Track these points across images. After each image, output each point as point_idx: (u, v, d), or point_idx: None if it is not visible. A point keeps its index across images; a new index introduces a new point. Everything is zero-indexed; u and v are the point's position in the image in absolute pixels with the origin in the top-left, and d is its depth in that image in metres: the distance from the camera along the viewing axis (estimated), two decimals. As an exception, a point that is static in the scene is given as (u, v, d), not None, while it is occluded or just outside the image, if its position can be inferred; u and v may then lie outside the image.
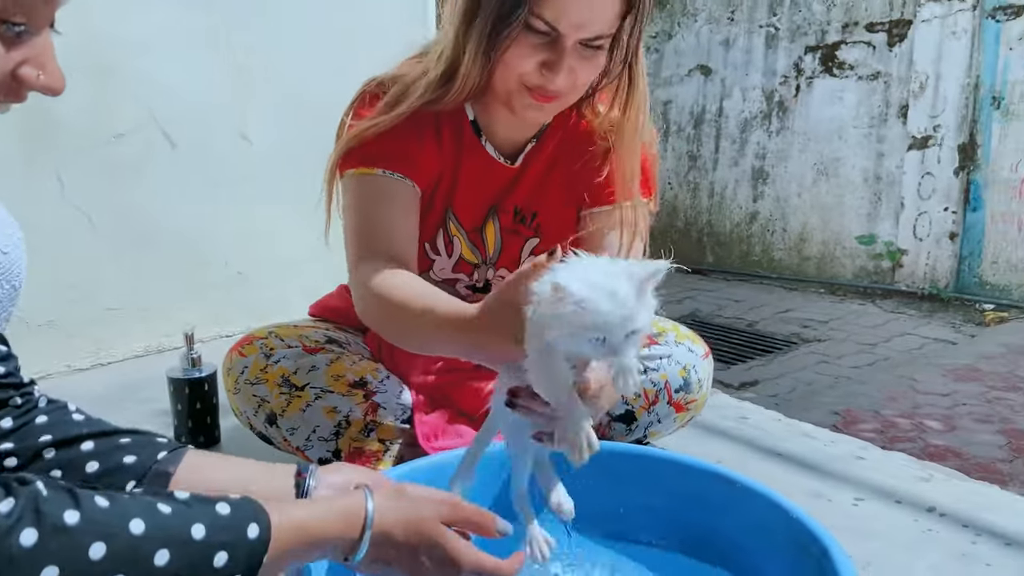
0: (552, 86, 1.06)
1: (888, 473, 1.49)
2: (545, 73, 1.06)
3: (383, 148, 1.16)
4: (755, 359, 3.61)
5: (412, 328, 1.00)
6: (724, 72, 5.24)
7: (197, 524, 0.59)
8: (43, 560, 0.52)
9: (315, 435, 1.23)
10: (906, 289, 4.48)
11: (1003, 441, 2.60)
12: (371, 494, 0.72)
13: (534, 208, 1.28)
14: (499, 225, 1.29)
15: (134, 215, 2.17)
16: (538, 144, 1.25)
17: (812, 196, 4.86)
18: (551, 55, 1.04)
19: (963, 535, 1.27)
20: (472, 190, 1.26)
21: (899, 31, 4.42)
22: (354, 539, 0.70)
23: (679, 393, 1.30)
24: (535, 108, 1.11)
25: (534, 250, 1.30)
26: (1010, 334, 3.81)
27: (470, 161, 1.24)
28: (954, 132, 4.22)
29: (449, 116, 1.20)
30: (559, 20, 1.01)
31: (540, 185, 1.27)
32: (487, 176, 1.25)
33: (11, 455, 0.77)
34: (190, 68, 2.19)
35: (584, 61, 1.07)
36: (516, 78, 1.08)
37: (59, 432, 0.79)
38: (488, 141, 1.24)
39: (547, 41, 1.04)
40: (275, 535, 0.63)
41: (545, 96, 1.09)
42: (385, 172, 1.15)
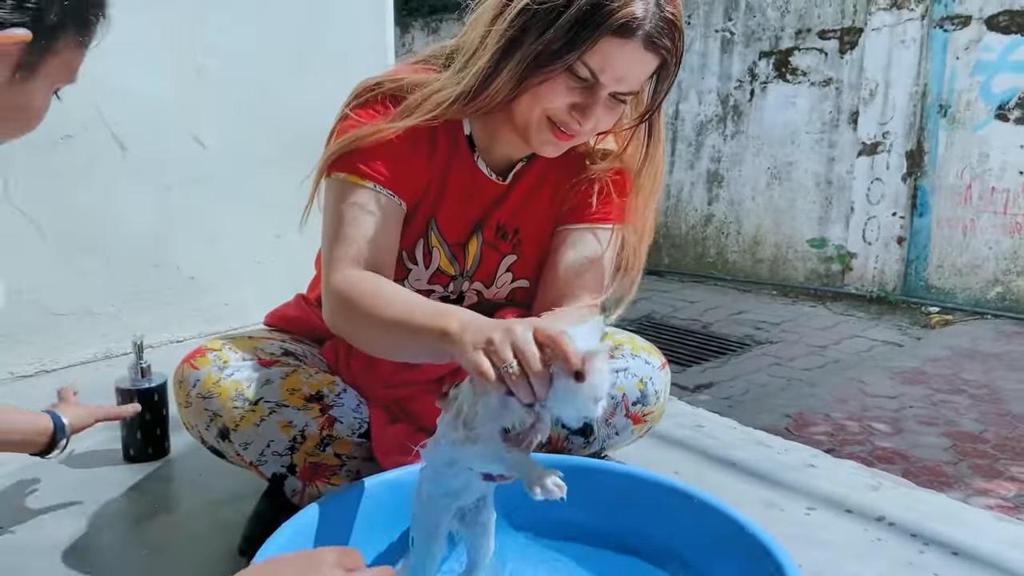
0: (580, 128, 1.08)
1: (838, 481, 1.52)
2: (575, 115, 1.07)
3: (380, 161, 1.14)
4: (709, 361, 3.67)
5: (383, 333, 1.02)
6: (681, 75, 5.28)
7: None
8: None
9: (269, 450, 1.20)
10: (855, 292, 4.59)
11: (948, 444, 2.68)
12: None
13: (516, 224, 1.28)
14: (482, 239, 1.28)
15: (82, 218, 2.11)
16: (527, 165, 1.25)
17: (765, 199, 4.94)
18: (585, 100, 1.06)
19: (911, 544, 1.30)
20: (458, 204, 1.24)
21: (850, 39, 4.51)
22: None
23: (636, 406, 1.31)
24: (552, 144, 1.12)
25: (511, 267, 1.29)
26: (954, 337, 3.92)
27: (459, 175, 1.22)
28: (902, 139, 4.33)
29: (446, 126, 1.19)
30: (603, 71, 1.03)
31: (526, 202, 1.27)
32: (475, 191, 1.24)
33: None
34: (145, 68, 2.14)
35: (609, 110, 1.09)
36: (541, 112, 1.08)
37: None
38: (481, 157, 1.23)
39: (584, 87, 1.06)
40: None
41: (566, 135, 1.10)
42: (377, 187, 1.14)
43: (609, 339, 1.34)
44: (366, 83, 1.20)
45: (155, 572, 1.25)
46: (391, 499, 1.11)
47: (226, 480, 1.48)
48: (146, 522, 1.38)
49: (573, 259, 1.23)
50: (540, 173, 1.26)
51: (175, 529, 1.37)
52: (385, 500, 1.12)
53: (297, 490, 1.23)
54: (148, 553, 1.29)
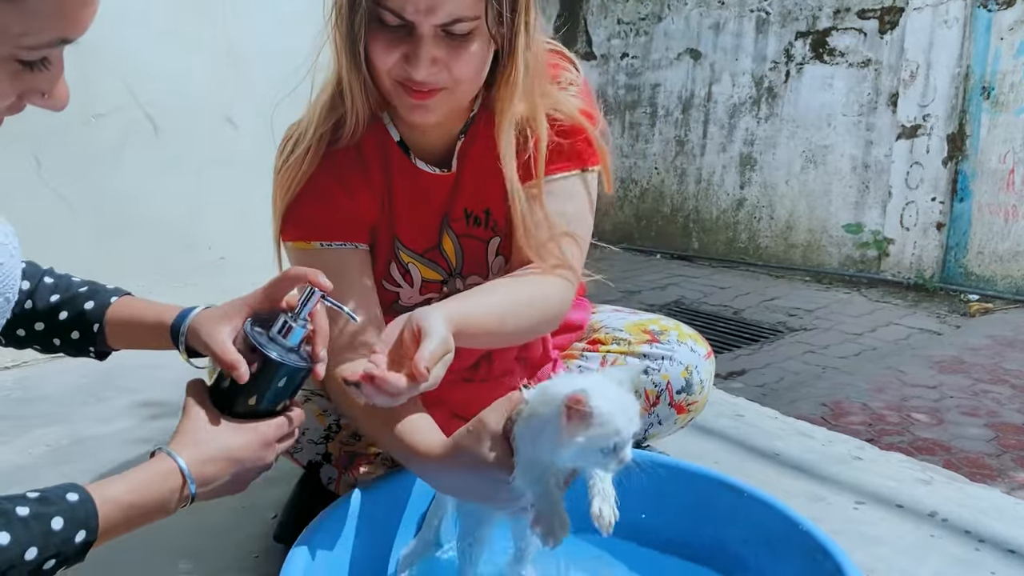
0: (417, 76, 0.99)
1: (887, 475, 1.48)
2: (407, 66, 0.99)
3: (314, 216, 1.11)
4: (741, 348, 3.60)
5: (385, 446, 1.04)
6: (713, 56, 5.19)
7: (31, 548, 0.69)
8: None
9: (305, 438, 1.19)
10: (892, 279, 4.49)
11: (990, 435, 2.61)
12: (176, 454, 0.82)
13: (484, 205, 1.20)
14: (455, 235, 1.22)
15: (114, 198, 2.10)
16: (468, 141, 1.17)
17: (800, 184, 4.84)
18: (409, 46, 0.98)
19: (966, 541, 1.26)
20: (413, 212, 1.18)
21: (891, 18, 4.39)
22: (179, 494, 0.81)
23: (680, 395, 1.27)
24: (418, 108, 1.04)
25: (499, 248, 1.23)
26: (994, 325, 3.83)
27: (403, 184, 1.16)
28: (943, 122, 4.21)
29: (372, 144, 1.14)
30: (404, 8, 0.95)
31: (482, 180, 1.18)
32: (425, 192, 1.18)
33: None
34: (177, 46, 2.12)
35: (454, 50, 0.99)
36: (386, 76, 1.02)
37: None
38: (417, 157, 1.17)
39: (403, 32, 0.98)
40: (102, 527, 0.75)
41: (420, 93, 1.01)
42: (323, 244, 1.11)
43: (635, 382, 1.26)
44: (282, 140, 1.17)
45: (187, 555, 1.24)
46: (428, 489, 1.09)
47: (260, 465, 1.46)
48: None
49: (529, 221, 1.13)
50: (483, 145, 1.16)
51: (207, 513, 1.36)
52: (420, 489, 1.09)
53: (333, 478, 1.21)
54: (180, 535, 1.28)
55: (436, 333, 0.90)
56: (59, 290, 1.00)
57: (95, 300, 0.99)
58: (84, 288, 1.01)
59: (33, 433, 1.69)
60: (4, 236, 0.77)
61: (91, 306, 0.98)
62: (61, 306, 0.98)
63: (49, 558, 0.71)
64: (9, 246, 0.78)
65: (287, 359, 0.89)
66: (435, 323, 0.91)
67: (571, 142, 1.14)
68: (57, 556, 0.71)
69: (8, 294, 0.78)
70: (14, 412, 1.83)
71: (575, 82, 1.16)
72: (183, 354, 0.96)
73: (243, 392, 0.88)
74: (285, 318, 0.91)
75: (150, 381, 1.98)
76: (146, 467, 0.81)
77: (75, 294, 0.99)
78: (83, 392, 1.94)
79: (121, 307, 0.99)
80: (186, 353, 0.96)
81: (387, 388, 0.86)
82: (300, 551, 0.91)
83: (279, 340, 0.90)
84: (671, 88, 5.43)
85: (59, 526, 0.71)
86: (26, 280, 0.99)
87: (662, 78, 5.48)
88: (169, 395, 1.87)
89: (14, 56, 0.62)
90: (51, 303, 0.98)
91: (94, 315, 0.98)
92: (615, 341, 1.31)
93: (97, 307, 0.98)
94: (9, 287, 0.78)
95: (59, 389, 1.96)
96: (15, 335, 0.99)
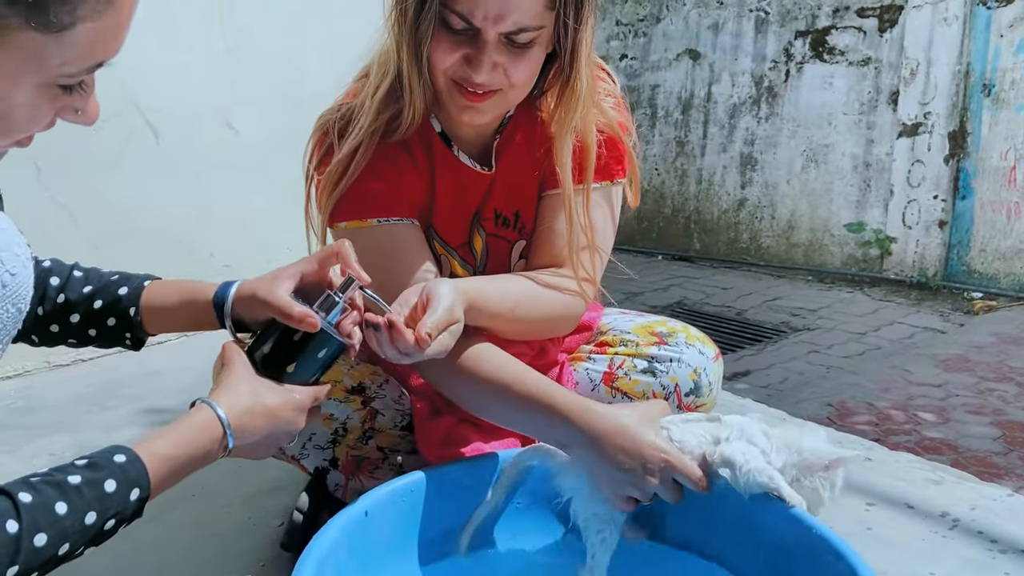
0: (476, 79, 1.01)
1: (897, 475, 1.47)
2: (468, 68, 1.01)
3: (368, 193, 1.11)
4: (745, 348, 3.59)
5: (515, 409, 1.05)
6: (713, 57, 5.19)
7: (90, 513, 0.72)
8: None
9: (311, 443, 1.17)
10: (895, 277, 4.48)
11: (997, 433, 2.60)
12: (215, 404, 0.83)
13: (514, 208, 1.22)
14: (484, 233, 1.23)
15: (115, 205, 2.09)
16: (504, 141, 1.19)
17: (801, 183, 4.84)
18: (472, 50, 1.00)
19: (979, 543, 1.25)
20: (451, 204, 1.20)
21: (890, 16, 4.39)
22: (219, 444, 0.82)
23: (689, 397, 1.26)
24: (469, 109, 1.05)
25: (524, 251, 1.24)
26: (998, 323, 3.81)
27: (445, 175, 1.18)
28: (944, 119, 4.21)
29: (417, 134, 1.15)
30: (473, 14, 0.97)
31: (515, 183, 1.21)
32: (465, 186, 1.19)
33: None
34: (177, 51, 2.10)
35: (514, 57, 1.01)
36: (443, 76, 1.04)
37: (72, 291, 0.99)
38: (460, 150, 1.18)
39: (467, 36, 1.00)
40: (154, 483, 0.77)
41: (474, 95, 1.03)
42: (380, 221, 1.11)
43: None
44: (316, 128, 1.16)
45: (194, 564, 1.23)
46: (436, 494, 1.08)
47: (267, 472, 1.45)
48: (184, 514, 1.36)
49: (550, 224, 1.18)
50: (520, 150, 1.19)
51: (214, 521, 1.35)
52: (430, 494, 1.08)
53: (340, 484, 1.20)
54: (187, 545, 1.27)
55: (442, 303, 0.95)
56: (91, 281, 1.00)
57: (128, 286, 0.99)
58: (116, 276, 1.02)
59: (36, 443, 1.67)
60: (19, 248, 0.77)
61: (125, 291, 0.99)
62: (95, 295, 0.98)
63: (109, 519, 0.74)
64: (23, 257, 0.78)
65: (331, 331, 0.90)
66: (444, 293, 0.96)
67: (606, 153, 1.17)
68: (116, 516, 0.74)
69: (21, 304, 0.78)
70: (17, 422, 1.82)
71: (613, 93, 1.19)
72: (230, 327, 0.96)
73: (285, 357, 0.90)
74: (330, 293, 0.92)
75: (153, 389, 1.97)
76: (187, 419, 0.82)
77: (108, 282, 1.00)
78: (86, 401, 1.93)
79: (156, 289, 1.00)
80: (232, 327, 0.96)
81: (398, 342, 0.91)
82: (308, 560, 0.90)
83: (320, 314, 0.90)
84: (671, 89, 5.43)
85: (112, 488, 0.74)
86: (55, 276, 1.00)
87: (661, 79, 5.47)
88: (172, 402, 1.86)
89: (54, 82, 0.66)
90: (84, 293, 0.99)
91: (129, 300, 0.98)
92: (623, 343, 1.30)
93: (132, 292, 0.99)
94: (22, 297, 0.78)
95: (61, 398, 1.95)
96: (49, 332, 1.00)
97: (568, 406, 1.00)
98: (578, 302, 1.16)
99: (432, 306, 0.94)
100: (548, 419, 1.01)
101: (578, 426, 0.98)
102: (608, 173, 1.19)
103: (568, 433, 0.99)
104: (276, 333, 0.91)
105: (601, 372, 1.28)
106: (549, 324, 1.17)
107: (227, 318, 0.95)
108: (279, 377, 0.90)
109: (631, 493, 0.97)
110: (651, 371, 1.25)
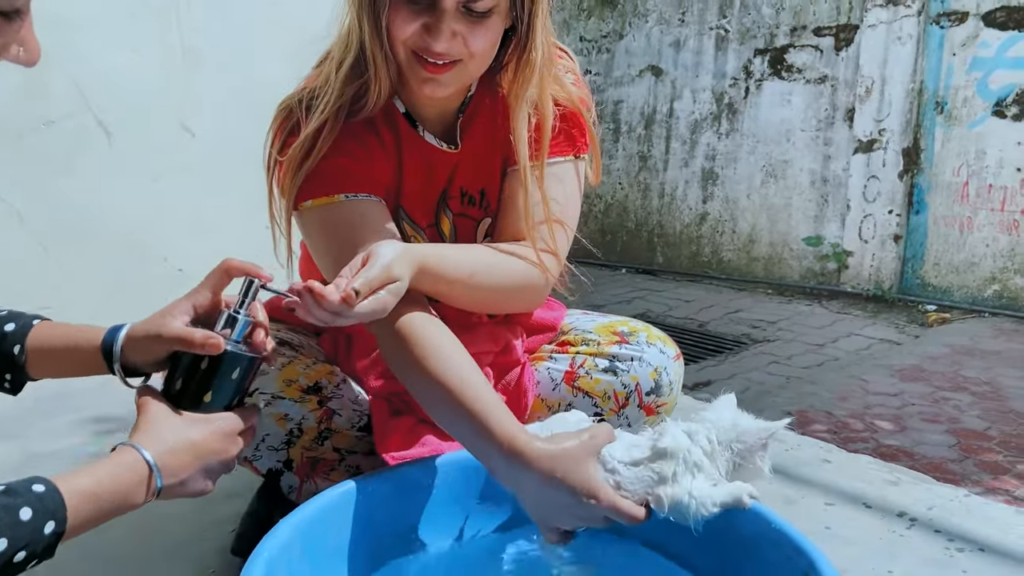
0: (436, 48, 1.01)
1: (855, 476, 1.47)
2: (427, 37, 1.01)
3: (336, 170, 1.09)
4: (707, 359, 3.61)
5: (450, 418, 0.99)
6: (675, 73, 5.25)
7: (1, 539, 0.67)
8: None
9: (264, 444, 1.14)
10: (851, 290, 4.55)
11: (952, 441, 2.63)
12: (138, 445, 0.79)
13: (480, 186, 1.22)
14: (451, 213, 1.22)
15: (65, 207, 2.04)
16: (468, 119, 1.19)
17: (761, 197, 4.90)
18: (430, 19, 1.01)
19: (936, 540, 1.25)
20: (418, 184, 1.19)
21: (846, 35, 4.48)
22: (146, 485, 0.79)
23: (650, 396, 1.25)
24: (430, 81, 1.05)
25: (488, 231, 1.23)
26: (952, 335, 3.89)
27: (411, 155, 1.17)
28: (899, 136, 4.30)
29: (382, 114, 1.15)
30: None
31: (481, 162, 1.21)
32: (431, 166, 1.19)
33: None
34: (132, 50, 2.06)
35: (473, 27, 1.02)
36: (403, 48, 1.04)
37: None
38: (425, 130, 1.17)
39: (426, 6, 1.00)
40: (71, 519, 0.72)
41: (435, 66, 1.03)
42: (348, 196, 1.09)
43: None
44: (277, 112, 1.14)
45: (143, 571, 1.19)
46: (393, 495, 1.05)
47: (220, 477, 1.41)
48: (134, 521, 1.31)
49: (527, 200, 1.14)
50: (483, 127, 1.19)
51: (165, 528, 1.30)
52: (387, 496, 1.06)
53: (294, 486, 1.17)
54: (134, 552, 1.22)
55: (380, 260, 0.94)
56: None
57: (16, 323, 0.93)
58: (3, 312, 0.95)
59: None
60: None
61: (12, 328, 0.92)
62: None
63: (19, 550, 0.69)
64: None
65: (238, 350, 0.87)
66: (383, 252, 0.95)
67: (567, 127, 1.16)
68: (27, 548, 0.70)
69: None
70: (-42, 429, 1.75)
71: (572, 70, 1.19)
72: (118, 373, 0.91)
73: (198, 388, 0.86)
74: (228, 312, 0.89)
75: (101, 397, 1.91)
76: (109, 459, 0.78)
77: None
78: (32, 411, 1.86)
79: (43, 330, 0.93)
80: (122, 372, 0.90)
81: (323, 303, 0.89)
82: (257, 561, 0.87)
83: (224, 336, 0.88)
84: (633, 104, 5.48)
85: (27, 516, 0.69)
86: None
87: (624, 94, 5.52)
88: (121, 411, 1.81)
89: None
90: None
91: (15, 338, 0.92)
92: (584, 343, 1.29)
93: (18, 330, 0.92)
94: None
95: (6, 405, 1.87)
96: None
97: (498, 432, 0.91)
98: (538, 273, 1.13)
99: (368, 264, 0.93)
100: (476, 440, 0.94)
101: (507, 458, 0.90)
102: (570, 147, 1.18)
103: (496, 462, 0.92)
104: (183, 365, 0.87)
105: (563, 371, 1.27)
106: (509, 294, 1.15)
107: (116, 362, 0.90)
108: (198, 409, 0.86)
109: (558, 525, 0.92)
110: (612, 370, 1.24)
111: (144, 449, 0.79)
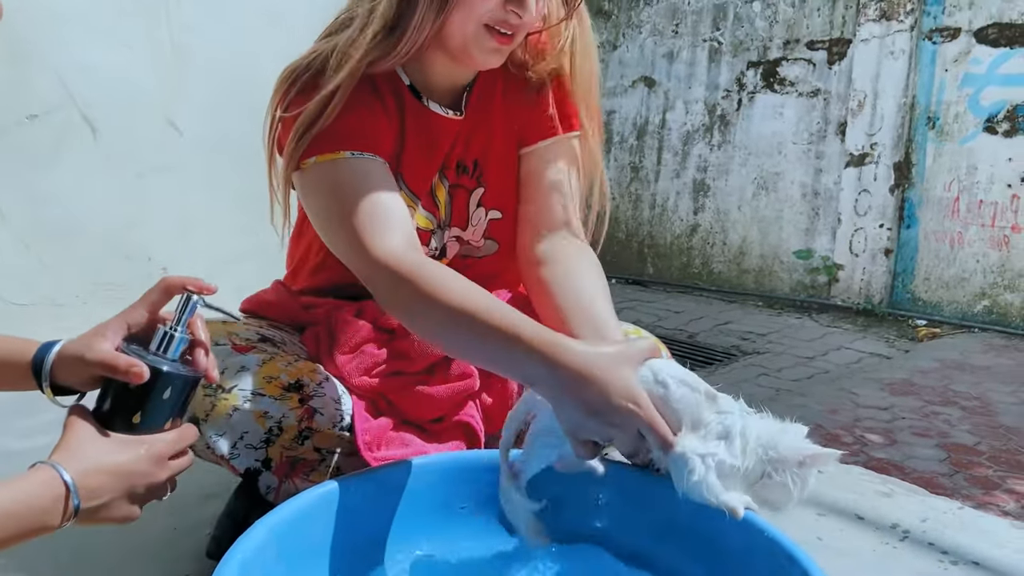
0: (524, 18, 1.03)
1: (848, 488, 1.45)
2: (511, 8, 1.02)
3: (342, 128, 1.07)
4: (696, 371, 3.57)
5: (478, 340, 0.95)
6: (668, 84, 5.25)
7: None
8: None
9: (242, 442, 1.11)
10: (842, 304, 4.54)
11: (943, 455, 2.61)
12: (56, 463, 0.74)
13: (474, 155, 1.22)
14: (447, 183, 1.21)
15: (48, 204, 2.00)
16: (476, 89, 1.19)
17: (752, 210, 4.89)
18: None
19: (929, 553, 1.23)
20: (420, 153, 1.18)
21: (839, 49, 4.49)
22: (62, 505, 0.73)
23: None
24: (496, 52, 1.07)
25: (481, 200, 1.22)
26: (942, 349, 3.88)
27: (414, 124, 1.17)
28: (890, 150, 4.30)
29: (385, 82, 1.14)
30: None
31: (484, 131, 1.21)
32: (434, 135, 1.19)
33: None
34: (118, 44, 2.03)
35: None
36: (477, 20, 1.03)
37: None
38: (430, 100, 1.17)
39: None
40: None
41: (507, 37, 1.05)
42: (353, 154, 1.06)
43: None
44: (283, 77, 1.13)
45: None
46: (375, 497, 1.02)
47: (195, 477, 1.37)
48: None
49: (554, 177, 1.20)
50: (487, 95, 1.20)
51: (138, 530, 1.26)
52: (368, 498, 1.02)
53: (272, 487, 1.13)
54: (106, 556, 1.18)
55: None
56: None
57: None
58: None
59: (-51, 448, 1.57)
60: None
61: None
62: None
63: None
64: None
65: (174, 369, 0.83)
66: None
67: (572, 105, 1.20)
68: None
69: None
70: (-70, 427, 1.70)
71: None
72: (47, 391, 0.87)
73: (127, 409, 0.82)
74: (164, 330, 0.85)
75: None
76: (24, 476, 0.73)
77: None
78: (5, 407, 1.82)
79: None
80: (51, 390, 0.87)
81: None
82: (230, 563, 0.84)
83: (159, 355, 0.84)
84: (626, 115, 5.48)
85: None
86: None
87: (617, 105, 5.52)
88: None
89: None
90: None
91: None
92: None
93: None
94: None
95: (-19, 403, 1.83)
96: None
97: (533, 339, 0.89)
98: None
99: None
100: (511, 352, 0.91)
101: (544, 361, 0.88)
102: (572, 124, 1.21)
103: (532, 368, 0.89)
104: (112, 387, 0.83)
105: None
106: None
107: (44, 381, 0.86)
108: (129, 430, 0.82)
109: (590, 436, 0.89)
110: None
111: (62, 467, 0.74)
